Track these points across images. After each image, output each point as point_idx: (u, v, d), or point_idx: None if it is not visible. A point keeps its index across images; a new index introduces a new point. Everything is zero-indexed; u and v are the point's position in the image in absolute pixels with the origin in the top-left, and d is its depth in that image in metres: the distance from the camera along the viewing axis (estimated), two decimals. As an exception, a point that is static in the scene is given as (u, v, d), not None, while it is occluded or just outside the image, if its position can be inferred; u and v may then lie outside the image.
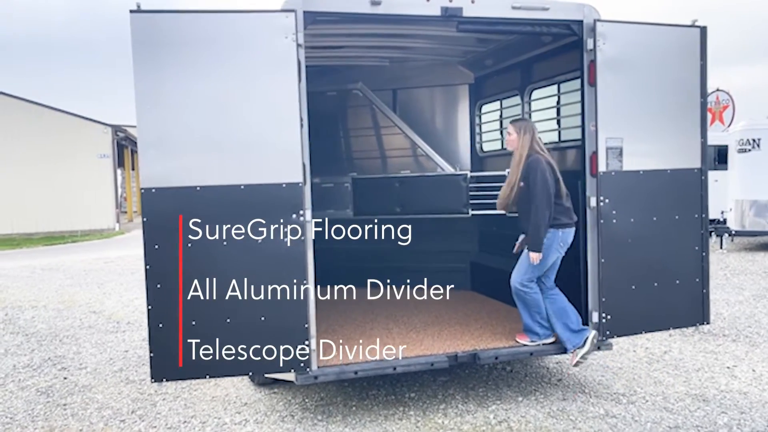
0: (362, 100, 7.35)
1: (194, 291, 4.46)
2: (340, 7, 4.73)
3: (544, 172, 5.10)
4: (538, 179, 5.08)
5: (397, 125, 7.22)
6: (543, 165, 5.12)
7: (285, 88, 4.51)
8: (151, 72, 4.35)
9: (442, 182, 6.88)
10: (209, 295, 4.47)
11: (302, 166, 4.55)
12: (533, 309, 5.29)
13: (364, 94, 7.30)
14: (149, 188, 4.38)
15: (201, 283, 4.46)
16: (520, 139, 5.24)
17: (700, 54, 5.41)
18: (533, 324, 5.32)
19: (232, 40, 4.45)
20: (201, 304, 4.46)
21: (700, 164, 5.47)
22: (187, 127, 4.42)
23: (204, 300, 4.47)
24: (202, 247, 4.44)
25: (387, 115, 7.26)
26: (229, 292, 4.49)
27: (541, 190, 5.06)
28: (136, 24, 4.31)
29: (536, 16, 5.08)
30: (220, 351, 4.52)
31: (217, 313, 4.48)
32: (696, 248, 5.46)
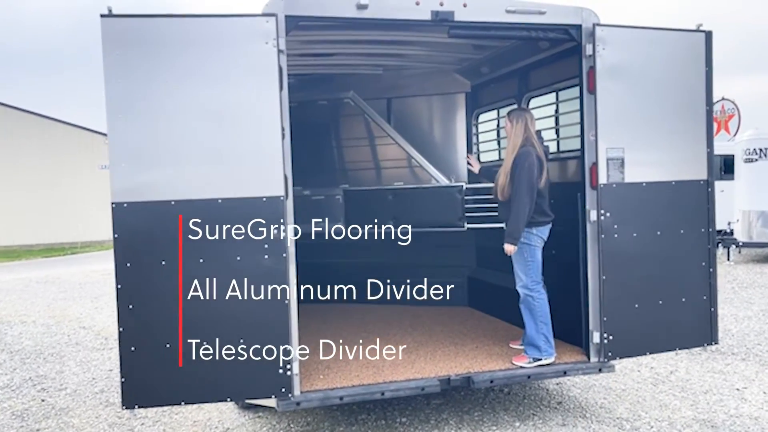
0: (354, 109, 7.10)
1: (169, 311, 4.20)
2: (325, 11, 4.49)
3: (531, 166, 4.99)
4: (525, 173, 4.98)
5: (390, 135, 6.96)
6: (531, 159, 5.01)
7: (265, 97, 4.26)
8: (123, 80, 4.10)
9: (436, 194, 6.61)
10: (185, 315, 4.21)
11: (284, 178, 4.29)
12: (540, 319, 5.10)
13: (356, 103, 7.05)
14: (121, 203, 4.12)
15: (176, 303, 4.19)
16: (513, 128, 5.16)
17: (705, 60, 5.15)
18: (537, 337, 5.06)
19: (208, 46, 4.20)
20: (176, 326, 4.20)
21: (706, 176, 5.20)
22: (161, 138, 4.17)
23: (179, 321, 4.21)
24: (176, 266, 4.18)
25: (379, 125, 7.00)
26: (206, 312, 4.22)
27: (526, 183, 4.97)
28: (107, 29, 4.07)
29: (532, 21, 4.83)
30: (196, 375, 4.25)
31: (193, 335, 4.21)
32: (703, 264, 5.18)
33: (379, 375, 4.78)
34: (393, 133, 6.97)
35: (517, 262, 5.23)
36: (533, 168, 4.99)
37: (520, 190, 4.98)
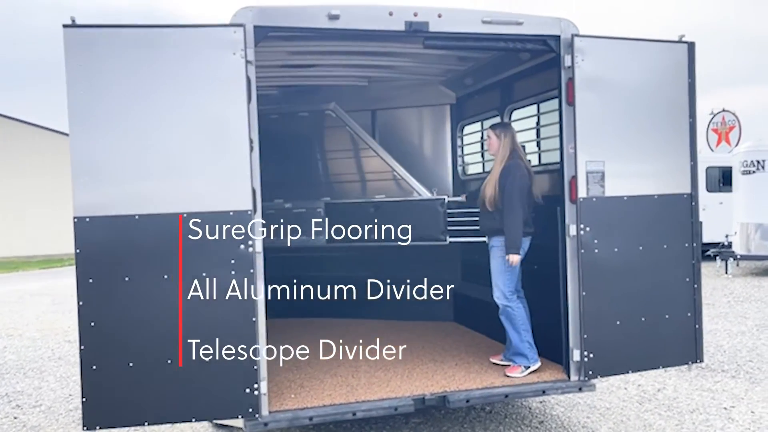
0: (336, 121, 7.00)
1: (132, 329, 4.09)
2: (295, 21, 4.39)
3: (523, 177, 5.11)
4: (516, 183, 5.08)
5: (372, 147, 6.86)
6: (522, 170, 5.13)
7: (233, 108, 4.15)
8: (86, 91, 4.00)
9: (417, 207, 6.49)
10: (149, 333, 4.10)
11: (252, 192, 4.19)
12: (521, 327, 5.14)
13: (338, 115, 6.95)
14: (83, 217, 4.01)
15: (140, 321, 4.08)
16: (500, 142, 5.25)
17: (688, 71, 5.05)
18: (522, 345, 5.09)
19: (175, 58, 4.10)
20: (139, 344, 4.09)
21: (690, 189, 5.08)
22: (124, 151, 4.06)
23: (143, 339, 4.09)
24: (141, 281, 4.07)
25: (361, 137, 6.90)
26: (171, 329, 4.11)
27: (517, 193, 5.07)
28: (69, 39, 3.98)
29: (509, 31, 4.73)
30: (160, 395, 4.13)
31: (158, 353, 4.10)
32: (687, 280, 5.05)
33: (353, 394, 4.65)
34: (374, 146, 6.87)
35: (495, 271, 5.25)
36: (525, 179, 5.11)
37: (513, 200, 5.05)
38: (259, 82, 6.83)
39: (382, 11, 4.47)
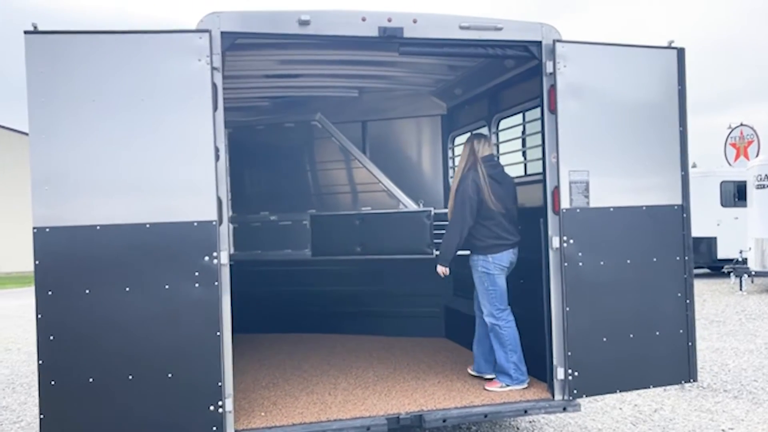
0: (321, 132, 6.88)
1: (92, 343, 3.96)
2: (264, 27, 4.28)
3: (466, 190, 4.98)
4: (459, 197, 5.01)
5: (358, 158, 6.72)
6: (467, 182, 5.00)
7: (197, 116, 4.04)
8: (47, 100, 3.91)
9: (403, 220, 6.33)
10: (109, 348, 3.96)
11: (217, 202, 4.06)
12: (509, 347, 4.98)
13: (324, 126, 6.83)
14: (42, 227, 3.90)
15: (99, 335, 3.95)
16: (462, 153, 5.24)
17: (677, 78, 4.87)
18: (507, 366, 4.93)
19: (138, 65, 4.00)
20: (100, 359, 3.95)
21: (681, 200, 4.88)
22: (86, 160, 3.95)
23: (104, 354, 3.96)
24: (102, 294, 3.95)
25: (347, 148, 6.77)
26: (132, 344, 3.98)
27: (459, 207, 5.00)
28: (31, 46, 3.89)
29: (488, 37, 4.58)
30: (122, 412, 3.98)
31: (119, 368, 3.96)
32: (678, 295, 4.84)
33: (325, 412, 4.47)
34: (360, 157, 6.74)
35: (479, 291, 5.14)
36: (467, 191, 4.94)
37: (453, 213, 5.04)
38: (247, 93, 6.83)
39: (354, 16, 4.35)
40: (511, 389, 4.87)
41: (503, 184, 5.11)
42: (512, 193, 5.18)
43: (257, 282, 7.10)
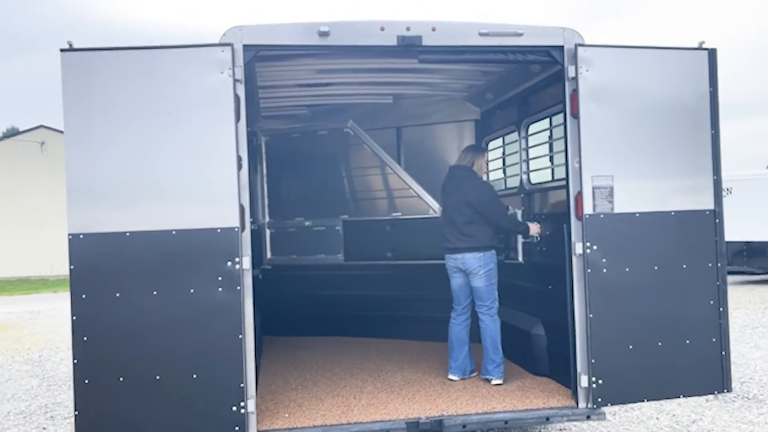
0: (354, 139, 6.98)
1: (122, 345, 4.16)
2: (285, 39, 4.41)
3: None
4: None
5: (388, 164, 6.79)
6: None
7: (220, 126, 4.20)
8: (81, 114, 4.14)
9: (432, 225, 6.35)
10: (137, 349, 4.16)
11: (240, 209, 4.20)
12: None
13: (356, 133, 6.93)
14: (77, 234, 4.13)
15: (129, 337, 4.15)
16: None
17: (709, 80, 4.74)
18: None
19: (164, 78, 4.19)
20: (129, 359, 4.15)
21: (713, 205, 4.74)
22: (116, 170, 4.16)
23: (133, 354, 4.16)
24: (131, 297, 4.15)
25: (378, 155, 6.84)
26: (159, 346, 4.16)
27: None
28: (66, 63, 4.13)
29: (509, 43, 4.58)
30: (150, 410, 4.17)
31: (147, 369, 4.15)
32: (711, 302, 4.71)
33: (347, 415, 4.55)
34: (391, 163, 6.80)
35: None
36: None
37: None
38: (282, 102, 6.99)
39: (373, 26, 4.42)
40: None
41: (452, 194, 5.50)
42: (459, 203, 5.43)
43: (294, 286, 7.26)
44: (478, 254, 5.34)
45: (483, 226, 5.37)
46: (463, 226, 5.37)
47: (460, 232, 5.38)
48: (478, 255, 5.34)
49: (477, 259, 5.33)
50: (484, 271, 5.33)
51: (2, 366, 9.47)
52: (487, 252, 5.37)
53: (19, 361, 9.79)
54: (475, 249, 5.34)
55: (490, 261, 5.38)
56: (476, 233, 5.36)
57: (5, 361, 9.82)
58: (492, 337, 5.35)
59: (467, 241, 5.35)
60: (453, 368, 5.49)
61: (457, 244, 5.39)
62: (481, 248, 5.35)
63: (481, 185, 5.52)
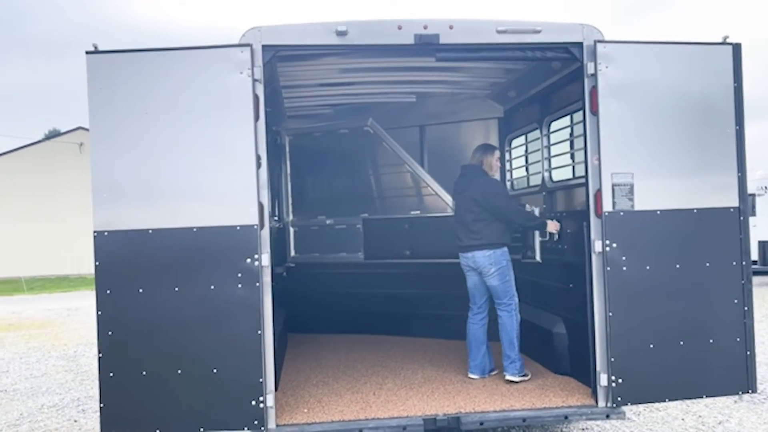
0: (373, 137, 7.01)
1: (145, 339, 4.27)
2: (303, 39, 4.46)
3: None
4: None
5: (407, 163, 6.80)
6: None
7: (240, 126, 4.27)
8: (106, 114, 4.25)
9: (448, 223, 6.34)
10: (160, 344, 4.26)
11: (258, 207, 4.27)
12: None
13: (375, 131, 6.96)
14: (102, 231, 4.25)
15: (152, 332, 4.26)
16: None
17: (733, 75, 4.66)
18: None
19: (185, 78, 4.28)
20: (152, 354, 4.26)
21: (738, 203, 4.66)
22: (139, 169, 4.27)
23: (155, 349, 4.26)
24: (153, 293, 4.25)
25: (396, 153, 6.86)
26: (180, 341, 4.25)
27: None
28: (92, 65, 4.25)
29: (527, 40, 4.57)
30: (171, 404, 4.27)
31: (169, 363, 4.25)
32: (735, 302, 4.62)
33: (365, 411, 4.59)
34: (409, 161, 6.81)
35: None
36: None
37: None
38: (304, 102, 7.07)
39: (390, 25, 4.45)
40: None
41: (461, 193, 5.54)
42: (467, 201, 5.46)
43: (318, 284, 7.33)
44: (487, 252, 5.33)
45: (492, 224, 5.35)
46: (471, 224, 5.39)
47: (469, 230, 5.41)
48: (488, 253, 5.33)
49: (487, 257, 5.33)
50: (495, 269, 5.32)
51: (39, 361, 9.75)
52: (497, 249, 5.34)
53: (55, 356, 10.07)
54: (484, 246, 5.34)
55: (501, 258, 5.35)
56: (484, 231, 5.35)
57: (42, 357, 10.10)
58: (507, 333, 5.35)
59: (476, 239, 5.38)
60: (472, 367, 5.50)
61: (467, 243, 5.44)
62: (490, 246, 5.33)
63: (487, 182, 5.51)
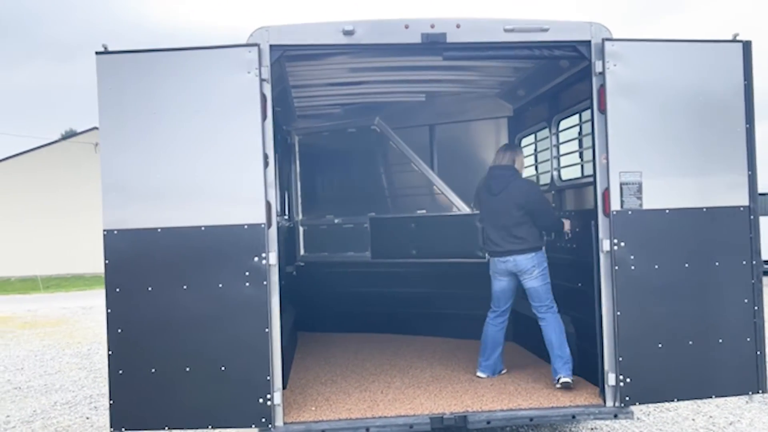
0: (380, 136, 7.02)
1: (154, 337, 4.31)
2: (310, 39, 4.48)
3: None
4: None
5: (413, 161, 6.80)
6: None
7: (247, 125, 4.30)
8: (115, 114, 4.30)
9: (454, 222, 6.32)
10: (169, 341, 4.30)
11: (266, 206, 4.30)
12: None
13: (382, 130, 6.96)
14: (111, 230, 4.29)
15: (161, 329, 4.30)
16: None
17: (743, 73, 4.63)
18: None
19: (193, 78, 4.31)
20: (161, 351, 4.30)
21: (748, 201, 4.62)
22: (147, 168, 4.31)
23: (164, 347, 4.30)
24: (162, 291, 4.29)
25: (403, 151, 6.86)
26: (189, 338, 4.29)
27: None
28: (101, 66, 4.30)
29: (534, 38, 4.56)
30: (180, 401, 4.31)
31: (177, 360, 4.28)
32: (745, 301, 4.59)
33: (372, 409, 4.61)
34: (415, 160, 6.81)
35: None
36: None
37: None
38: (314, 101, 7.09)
39: (397, 25, 4.46)
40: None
41: (497, 195, 5.35)
42: (507, 204, 5.31)
43: (327, 283, 7.35)
44: (530, 255, 5.27)
45: (532, 227, 5.30)
46: (513, 228, 5.28)
47: (510, 235, 5.30)
48: (530, 256, 5.27)
49: (529, 259, 5.27)
50: (538, 271, 5.27)
51: (53, 359, 9.85)
52: (538, 252, 5.30)
53: (69, 354, 10.17)
54: (528, 250, 5.27)
55: (542, 260, 5.32)
56: (527, 235, 5.28)
57: (56, 354, 10.21)
58: (558, 334, 5.19)
59: (519, 243, 5.28)
60: (484, 366, 5.48)
61: (506, 247, 5.31)
62: (532, 249, 5.27)
63: (529, 185, 5.51)
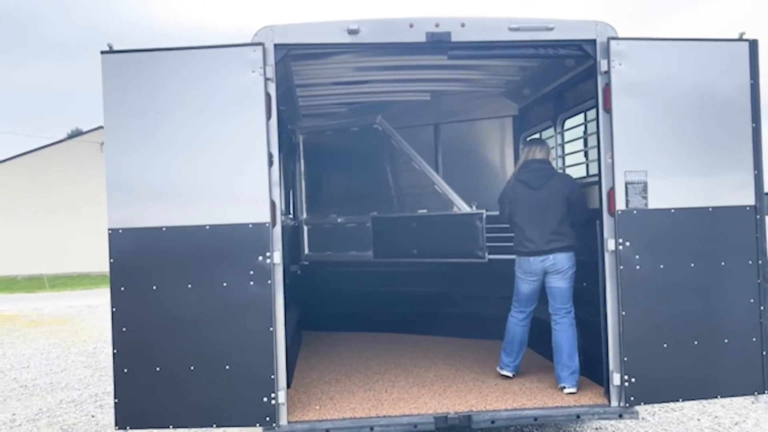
0: (382, 135, 7.01)
1: (159, 335, 4.31)
2: (315, 38, 4.48)
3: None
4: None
5: (414, 160, 6.79)
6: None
7: (252, 124, 4.30)
8: (120, 113, 4.31)
9: (455, 222, 6.26)
10: (173, 340, 4.31)
11: (270, 205, 4.30)
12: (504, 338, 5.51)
13: (383, 129, 6.96)
14: (116, 229, 4.30)
15: (165, 328, 4.30)
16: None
17: (750, 72, 4.61)
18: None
19: (198, 77, 4.31)
20: (165, 350, 4.30)
21: (753, 201, 4.60)
22: (152, 168, 4.31)
23: (168, 345, 4.31)
24: (167, 290, 4.30)
25: (404, 150, 6.85)
26: (193, 337, 4.30)
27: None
28: (107, 65, 4.31)
29: (539, 38, 4.54)
30: (184, 399, 4.32)
31: (182, 359, 4.29)
32: (751, 301, 4.57)
33: (376, 408, 4.61)
34: (416, 159, 6.80)
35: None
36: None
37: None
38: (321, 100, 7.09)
39: (402, 24, 4.46)
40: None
41: (537, 190, 5.13)
42: (550, 199, 5.11)
43: (332, 282, 7.36)
44: (570, 254, 5.07)
45: (570, 224, 5.12)
46: (556, 225, 5.06)
47: (551, 232, 5.05)
48: (570, 255, 5.07)
49: (569, 258, 5.07)
50: (572, 271, 5.10)
51: (59, 357, 9.89)
52: (574, 251, 5.13)
53: (74, 353, 10.20)
54: (568, 248, 5.06)
55: (575, 260, 5.14)
56: (568, 231, 5.08)
57: (62, 353, 10.24)
58: (569, 343, 5.02)
59: (560, 240, 5.05)
60: (511, 366, 5.33)
61: (546, 246, 5.06)
62: (572, 248, 5.09)
63: (571, 178, 5.38)
